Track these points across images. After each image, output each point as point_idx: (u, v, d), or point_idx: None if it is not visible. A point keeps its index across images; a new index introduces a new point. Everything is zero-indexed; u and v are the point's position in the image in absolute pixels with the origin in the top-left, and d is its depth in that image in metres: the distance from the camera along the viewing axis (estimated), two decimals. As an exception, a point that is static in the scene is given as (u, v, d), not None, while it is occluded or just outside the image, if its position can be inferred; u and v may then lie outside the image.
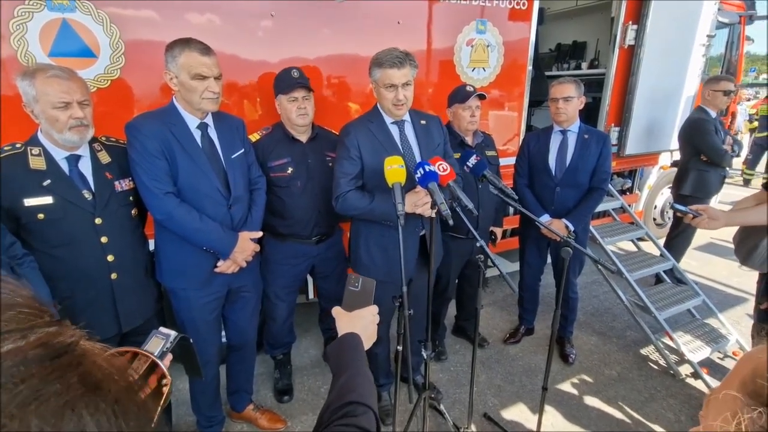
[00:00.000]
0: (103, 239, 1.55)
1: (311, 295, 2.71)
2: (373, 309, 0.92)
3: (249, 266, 1.86)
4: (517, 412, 2.37)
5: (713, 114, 3.22)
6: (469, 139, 2.44)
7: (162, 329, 0.73)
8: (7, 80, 1.73)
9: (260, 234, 1.88)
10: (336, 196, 1.85)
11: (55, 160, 1.48)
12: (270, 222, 2.12)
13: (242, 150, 1.83)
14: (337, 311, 0.92)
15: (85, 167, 1.54)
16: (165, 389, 0.63)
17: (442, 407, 2.18)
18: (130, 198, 1.65)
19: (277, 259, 2.20)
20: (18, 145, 1.46)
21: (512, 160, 3.03)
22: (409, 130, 1.94)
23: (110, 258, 1.57)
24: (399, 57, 1.73)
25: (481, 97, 2.35)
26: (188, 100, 1.63)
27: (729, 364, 2.78)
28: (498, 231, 2.72)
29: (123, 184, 1.62)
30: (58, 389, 0.28)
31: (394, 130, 1.91)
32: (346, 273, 2.50)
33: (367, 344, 0.87)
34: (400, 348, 1.62)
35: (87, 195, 1.52)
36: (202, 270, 1.77)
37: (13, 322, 0.30)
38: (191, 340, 0.77)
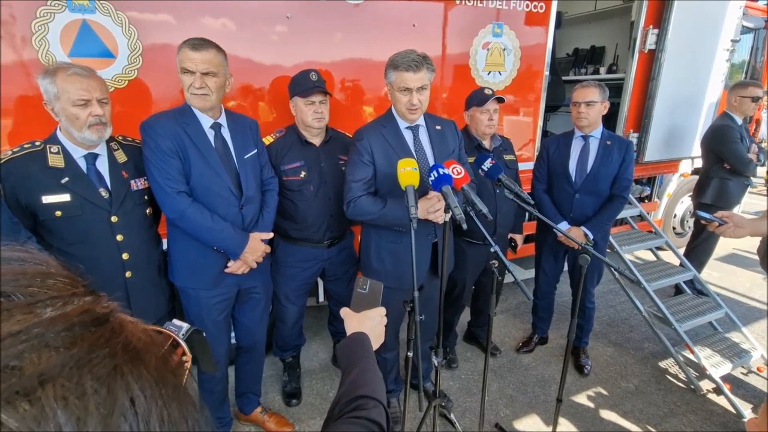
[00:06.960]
0: (119, 237, 1.56)
1: (321, 298, 2.70)
2: (381, 310, 0.94)
3: (259, 267, 1.86)
4: (530, 424, 2.31)
5: (739, 121, 3.11)
6: (486, 143, 2.39)
7: (175, 321, 0.73)
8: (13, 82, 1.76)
9: (271, 235, 1.88)
10: (347, 201, 1.81)
11: (74, 158, 1.50)
12: (282, 225, 2.11)
13: (255, 150, 1.83)
14: (345, 312, 0.94)
15: (102, 166, 1.56)
16: (187, 366, 0.63)
17: (452, 416, 2.14)
18: (145, 197, 1.67)
19: (288, 262, 2.19)
20: (37, 143, 1.48)
21: (527, 165, 2.99)
22: (423, 135, 1.90)
23: (125, 256, 1.58)
24: (415, 60, 1.67)
25: (500, 100, 2.30)
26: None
27: (753, 379, 2.67)
28: (518, 238, 2.66)
29: (138, 183, 1.64)
30: (108, 352, 0.28)
31: (408, 135, 1.87)
32: (356, 276, 2.48)
33: (375, 344, 0.90)
34: (410, 354, 1.59)
35: (104, 193, 1.54)
36: (212, 270, 1.77)
37: (54, 290, 0.31)
38: (203, 333, 0.77)
